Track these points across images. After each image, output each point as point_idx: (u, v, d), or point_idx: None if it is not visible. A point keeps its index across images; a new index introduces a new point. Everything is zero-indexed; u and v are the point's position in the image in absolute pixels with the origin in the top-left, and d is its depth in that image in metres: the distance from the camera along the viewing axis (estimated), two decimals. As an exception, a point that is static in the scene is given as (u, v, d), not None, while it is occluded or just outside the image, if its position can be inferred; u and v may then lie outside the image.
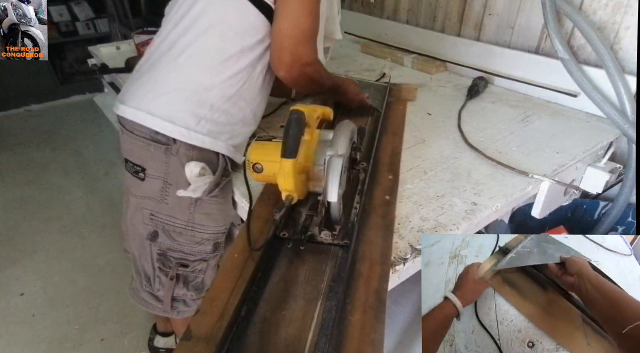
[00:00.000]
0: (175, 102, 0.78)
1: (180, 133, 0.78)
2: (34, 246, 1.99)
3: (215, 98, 0.80)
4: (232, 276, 0.66)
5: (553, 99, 1.24)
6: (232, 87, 0.81)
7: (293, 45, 0.78)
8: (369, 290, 0.62)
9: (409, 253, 0.71)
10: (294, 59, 0.79)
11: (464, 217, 0.79)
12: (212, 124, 0.80)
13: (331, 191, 0.65)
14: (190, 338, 0.57)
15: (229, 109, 0.82)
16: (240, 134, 0.86)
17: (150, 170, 0.82)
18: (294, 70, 0.81)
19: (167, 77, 0.80)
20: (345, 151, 0.71)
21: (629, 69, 1.09)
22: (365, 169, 0.84)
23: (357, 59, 1.68)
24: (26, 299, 1.75)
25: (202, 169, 0.79)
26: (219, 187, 0.82)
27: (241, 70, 0.81)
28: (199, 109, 0.79)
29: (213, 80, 0.79)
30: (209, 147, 0.80)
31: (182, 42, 0.81)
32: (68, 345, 1.56)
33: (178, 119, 0.78)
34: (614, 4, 1.09)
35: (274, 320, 0.61)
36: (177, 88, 0.79)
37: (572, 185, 1.03)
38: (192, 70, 0.80)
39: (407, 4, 1.68)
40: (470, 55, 1.43)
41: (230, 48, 0.80)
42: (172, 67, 0.81)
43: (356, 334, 0.57)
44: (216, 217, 0.88)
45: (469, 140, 1.03)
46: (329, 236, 0.70)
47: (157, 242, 0.88)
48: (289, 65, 0.80)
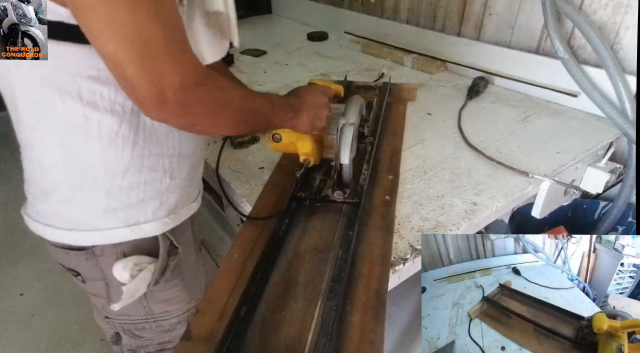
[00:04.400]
0: (65, 204, 0.61)
1: (88, 240, 0.63)
2: (34, 246, 1.98)
3: (110, 181, 0.60)
4: (232, 276, 0.66)
5: (553, 98, 1.24)
6: (119, 157, 0.59)
7: (144, 71, 0.45)
8: (369, 291, 0.62)
9: (409, 253, 0.71)
10: (157, 90, 0.46)
11: (464, 217, 0.79)
12: (125, 210, 0.62)
13: (343, 154, 0.76)
14: (189, 338, 0.57)
15: (137, 180, 0.61)
16: (171, 190, 0.66)
17: (86, 274, 0.69)
18: (173, 107, 0.48)
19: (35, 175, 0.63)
20: (356, 120, 0.80)
21: (629, 68, 1.09)
22: (371, 142, 0.95)
23: (357, 58, 1.68)
24: (26, 299, 1.75)
25: (133, 267, 0.65)
26: (168, 271, 0.69)
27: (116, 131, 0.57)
28: (100, 201, 0.60)
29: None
30: (137, 237, 0.64)
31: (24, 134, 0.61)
32: (67, 346, 1.56)
33: (80, 223, 0.62)
34: (614, 4, 1.09)
35: (275, 319, 0.61)
36: (56, 189, 0.61)
37: (573, 185, 1.02)
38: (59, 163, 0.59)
39: (407, 4, 1.68)
40: (471, 55, 1.43)
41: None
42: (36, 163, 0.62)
43: (356, 335, 0.57)
44: (180, 298, 0.75)
45: (469, 140, 1.03)
46: (341, 195, 0.79)
47: (123, 345, 0.77)
48: (156, 102, 0.47)
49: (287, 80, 1.46)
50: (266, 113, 0.63)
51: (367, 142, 0.93)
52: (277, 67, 1.62)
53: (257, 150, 1.02)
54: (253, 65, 1.66)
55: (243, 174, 0.93)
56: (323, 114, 0.75)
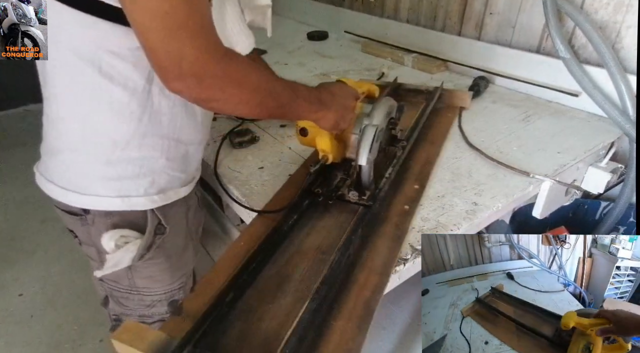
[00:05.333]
0: (70, 164, 0.66)
1: (83, 202, 0.67)
2: (34, 246, 1.98)
3: (111, 149, 0.64)
4: (233, 262, 0.67)
5: (554, 98, 1.23)
6: (124, 129, 0.63)
7: (164, 41, 0.48)
8: (360, 299, 0.61)
9: (410, 253, 0.70)
10: (174, 60, 0.49)
11: (464, 217, 0.78)
12: (120, 181, 0.66)
13: (362, 155, 0.74)
14: (180, 313, 0.59)
15: (135, 155, 0.65)
16: (165, 171, 0.69)
17: (82, 238, 0.74)
18: (189, 79, 0.50)
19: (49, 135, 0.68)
20: (380, 122, 0.77)
21: (630, 68, 1.08)
22: (403, 147, 0.91)
23: (358, 58, 1.68)
24: (25, 300, 1.75)
25: (119, 238, 0.69)
26: (153, 248, 0.72)
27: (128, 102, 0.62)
28: (99, 167, 0.65)
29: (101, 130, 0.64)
30: (127, 208, 0.67)
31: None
32: (67, 346, 1.55)
33: (79, 185, 0.66)
34: (615, 3, 1.08)
35: (260, 310, 0.60)
36: (65, 148, 0.66)
37: (574, 185, 1.02)
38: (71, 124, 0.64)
39: (408, 3, 1.67)
40: (471, 54, 1.43)
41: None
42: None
43: (334, 340, 0.56)
44: (163, 277, 0.78)
45: (470, 140, 1.03)
46: (356, 196, 0.78)
47: (109, 308, 0.82)
48: (174, 72, 0.50)
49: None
50: (286, 100, 0.63)
51: (398, 146, 0.89)
52: (277, 67, 1.61)
53: (257, 150, 1.02)
54: (253, 64, 1.65)
55: (243, 173, 0.93)
56: (349, 116, 0.76)
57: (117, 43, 0.57)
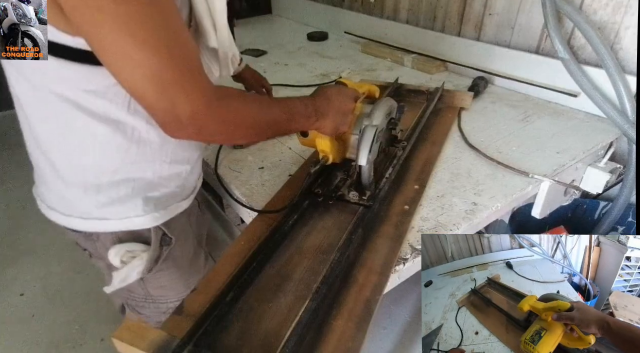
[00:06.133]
0: (64, 194, 0.66)
1: (87, 226, 0.67)
2: (34, 246, 1.98)
3: (99, 178, 0.63)
4: (234, 261, 0.67)
5: (553, 98, 1.24)
6: (110, 160, 0.62)
7: (159, 100, 0.49)
8: (359, 299, 0.62)
9: (409, 253, 0.71)
10: (173, 117, 0.50)
11: (464, 217, 0.79)
12: (113, 205, 0.65)
13: (362, 156, 0.74)
14: (181, 313, 0.59)
15: (123, 178, 0.64)
16: (160, 189, 0.68)
17: (92, 252, 0.73)
18: (189, 129, 0.52)
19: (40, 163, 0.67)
20: (380, 122, 0.77)
21: (629, 68, 1.09)
22: (404, 147, 0.92)
23: (357, 58, 1.68)
24: (26, 299, 1.75)
25: (125, 254, 0.69)
26: (161, 260, 0.72)
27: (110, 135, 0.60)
28: (92, 195, 0.64)
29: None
30: (131, 228, 0.67)
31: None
32: (68, 345, 1.56)
33: (79, 211, 0.66)
34: (614, 4, 1.09)
35: (260, 310, 0.61)
36: (57, 178, 0.65)
37: (573, 185, 1.02)
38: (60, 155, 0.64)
39: (407, 4, 1.68)
40: (471, 55, 1.43)
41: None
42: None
43: (333, 340, 0.56)
44: (176, 285, 0.78)
45: (469, 140, 1.03)
46: (356, 196, 0.79)
47: (127, 315, 0.82)
48: (174, 126, 0.52)
49: (287, 81, 1.45)
50: (283, 123, 0.64)
51: (399, 146, 0.90)
52: (277, 67, 1.62)
53: (258, 150, 1.02)
54: (253, 65, 1.63)
55: (243, 174, 0.93)
56: (348, 119, 0.75)
57: (94, 81, 0.55)
